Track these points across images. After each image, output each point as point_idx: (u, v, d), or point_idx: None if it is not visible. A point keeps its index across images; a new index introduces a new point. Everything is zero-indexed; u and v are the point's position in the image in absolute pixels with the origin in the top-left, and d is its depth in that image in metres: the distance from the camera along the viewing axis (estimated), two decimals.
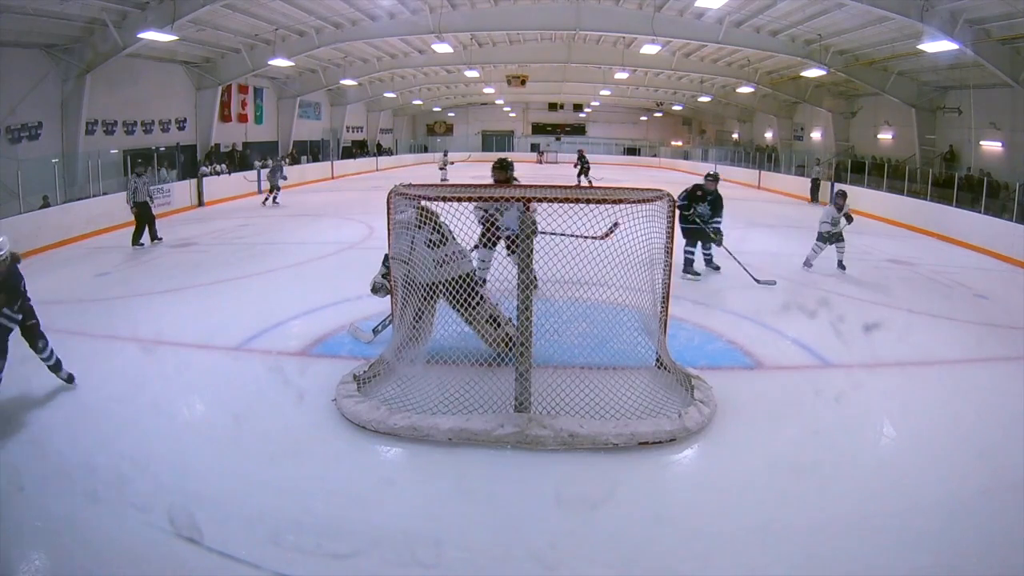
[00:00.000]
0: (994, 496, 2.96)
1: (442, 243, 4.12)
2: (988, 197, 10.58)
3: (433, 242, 4.08)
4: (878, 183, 14.20)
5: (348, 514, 2.79)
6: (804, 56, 14.19)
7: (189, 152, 15.37)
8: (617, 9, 13.44)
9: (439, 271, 4.04)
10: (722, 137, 28.49)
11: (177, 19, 10.58)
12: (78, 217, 9.69)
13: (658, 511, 2.88)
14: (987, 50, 10.80)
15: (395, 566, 2.46)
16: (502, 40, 17.84)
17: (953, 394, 4.24)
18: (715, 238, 7.03)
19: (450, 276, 4.05)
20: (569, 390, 3.59)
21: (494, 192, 4.23)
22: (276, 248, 8.99)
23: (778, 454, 3.33)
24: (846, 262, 7.60)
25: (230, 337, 4.84)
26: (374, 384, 3.91)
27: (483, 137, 33.78)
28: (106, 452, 3.02)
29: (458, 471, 3.14)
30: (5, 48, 10.03)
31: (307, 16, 13.41)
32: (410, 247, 4.03)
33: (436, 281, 4.03)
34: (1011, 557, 2.54)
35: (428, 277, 4.00)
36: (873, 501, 2.90)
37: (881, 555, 2.55)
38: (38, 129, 11.01)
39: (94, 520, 2.68)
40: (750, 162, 21.75)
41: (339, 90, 22.12)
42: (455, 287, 4.02)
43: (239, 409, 3.76)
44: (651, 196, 3.84)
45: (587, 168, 17.87)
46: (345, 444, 3.37)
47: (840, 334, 5.24)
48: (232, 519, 2.66)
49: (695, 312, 5.55)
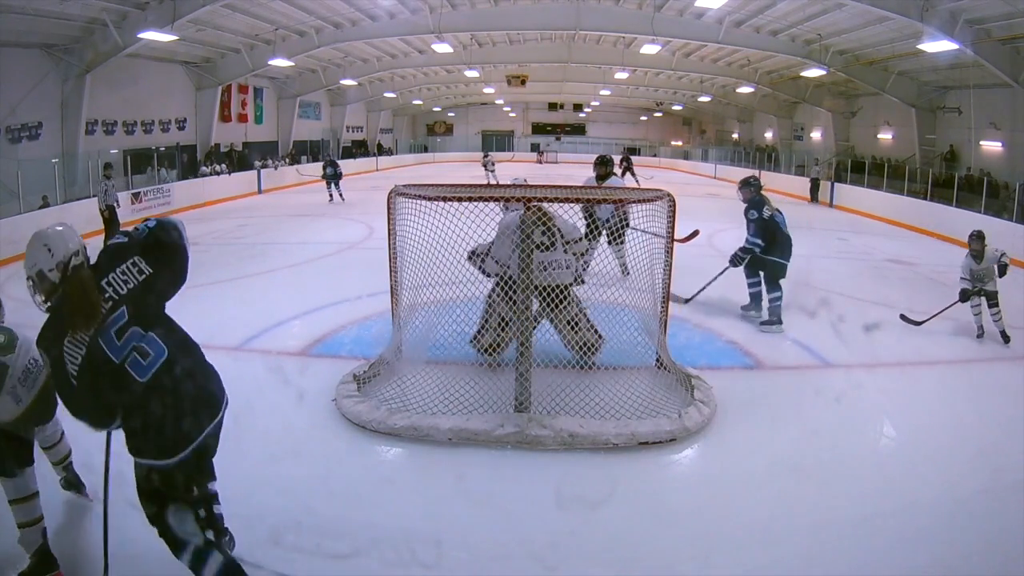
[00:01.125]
0: (994, 496, 2.96)
1: (551, 247, 3.96)
2: (988, 197, 10.58)
3: (543, 245, 3.90)
4: (878, 183, 14.20)
5: (348, 514, 2.79)
6: (804, 56, 14.20)
7: (189, 152, 15.39)
8: (617, 9, 13.44)
9: (541, 275, 3.84)
10: (722, 137, 28.50)
11: (177, 19, 10.59)
12: (78, 217, 9.66)
13: (658, 511, 2.88)
14: (987, 50, 10.80)
15: (395, 566, 2.46)
16: (502, 40, 17.84)
17: (953, 394, 4.24)
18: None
19: (548, 283, 3.89)
20: (569, 390, 3.60)
21: (494, 192, 4.23)
22: (276, 248, 8.99)
23: (778, 454, 3.32)
24: (1009, 332, 5.19)
25: (230, 337, 4.84)
26: (374, 384, 3.91)
27: (483, 137, 33.76)
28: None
29: (458, 471, 3.13)
30: (5, 48, 10.03)
31: (307, 16, 13.41)
32: (511, 251, 3.75)
33: (535, 285, 3.77)
34: (1011, 557, 2.54)
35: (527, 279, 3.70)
36: (873, 501, 2.89)
37: (881, 555, 2.55)
38: (38, 129, 11.01)
39: (94, 520, 2.68)
40: (750, 162, 21.76)
41: (339, 90, 22.12)
42: (548, 293, 3.91)
43: (239, 409, 3.73)
44: (651, 196, 3.85)
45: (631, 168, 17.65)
46: (345, 444, 3.37)
47: (840, 334, 5.24)
48: (232, 519, 2.65)
49: (695, 312, 5.55)
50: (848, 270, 7.57)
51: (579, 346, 4.00)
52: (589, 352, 3.96)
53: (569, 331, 4.06)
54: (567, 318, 4.05)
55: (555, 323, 4.10)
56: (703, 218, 12.11)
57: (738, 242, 5.47)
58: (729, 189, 19.48)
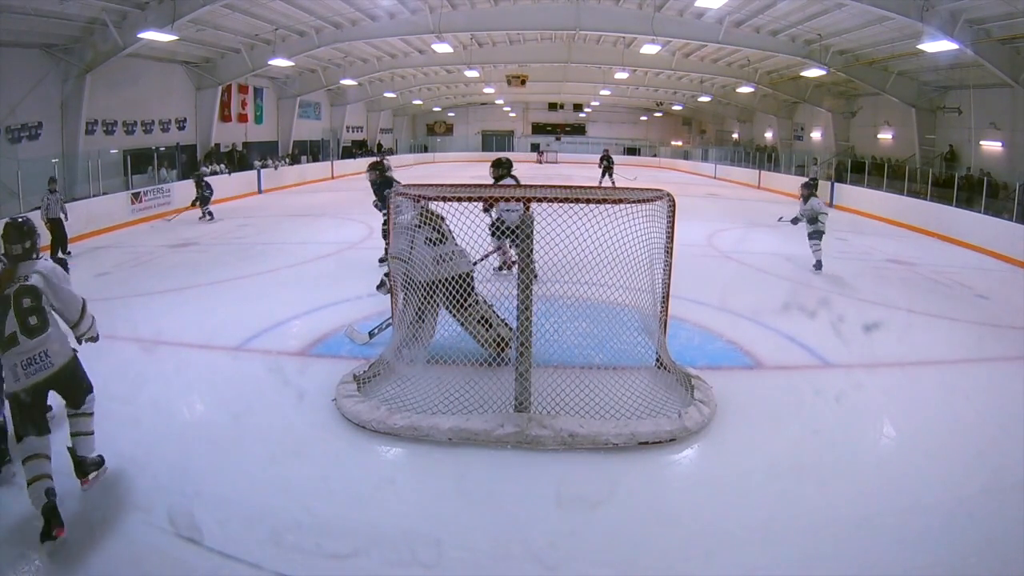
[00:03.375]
0: (994, 496, 2.96)
1: (441, 241, 4.13)
2: (988, 197, 10.58)
3: (432, 240, 4.10)
4: (878, 183, 14.20)
5: (348, 514, 2.79)
6: (804, 56, 14.19)
7: (189, 152, 15.39)
8: (617, 9, 13.44)
9: (437, 269, 4.05)
10: (722, 137, 28.48)
11: (177, 19, 10.57)
12: (78, 217, 9.68)
13: (658, 511, 2.88)
14: (987, 50, 10.79)
15: (395, 566, 2.46)
16: (502, 40, 17.84)
17: (953, 394, 4.23)
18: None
19: (447, 275, 4.06)
20: (569, 390, 3.59)
21: (494, 192, 4.23)
22: (276, 248, 8.99)
23: (778, 454, 3.33)
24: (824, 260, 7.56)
25: (230, 337, 4.84)
26: (374, 384, 3.91)
27: (483, 137, 33.79)
28: (106, 452, 3.02)
29: (458, 471, 3.14)
30: (5, 48, 10.02)
31: (307, 16, 13.41)
32: (410, 246, 4.04)
33: (434, 280, 4.03)
34: (1011, 557, 2.54)
35: (426, 275, 4.01)
36: (873, 501, 2.90)
37: (881, 555, 2.55)
38: (38, 129, 11.00)
39: (94, 520, 2.69)
40: (750, 162, 21.76)
41: (339, 90, 22.12)
42: (451, 286, 4.04)
43: (239, 409, 3.76)
44: (651, 196, 3.85)
45: (611, 168, 17.46)
46: (345, 444, 3.37)
47: (840, 334, 5.24)
48: (232, 519, 2.66)
49: (695, 312, 5.55)
50: (848, 270, 7.58)
51: (495, 343, 4.11)
52: (505, 347, 4.07)
53: (483, 328, 4.17)
54: (478, 316, 4.17)
55: (466, 323, 4.21)
56: (703, 218, 12.15)
57: (738, 242, 5.48)
58: (729, 189, 19.55)
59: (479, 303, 4.25)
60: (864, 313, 5.86)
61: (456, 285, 4.05)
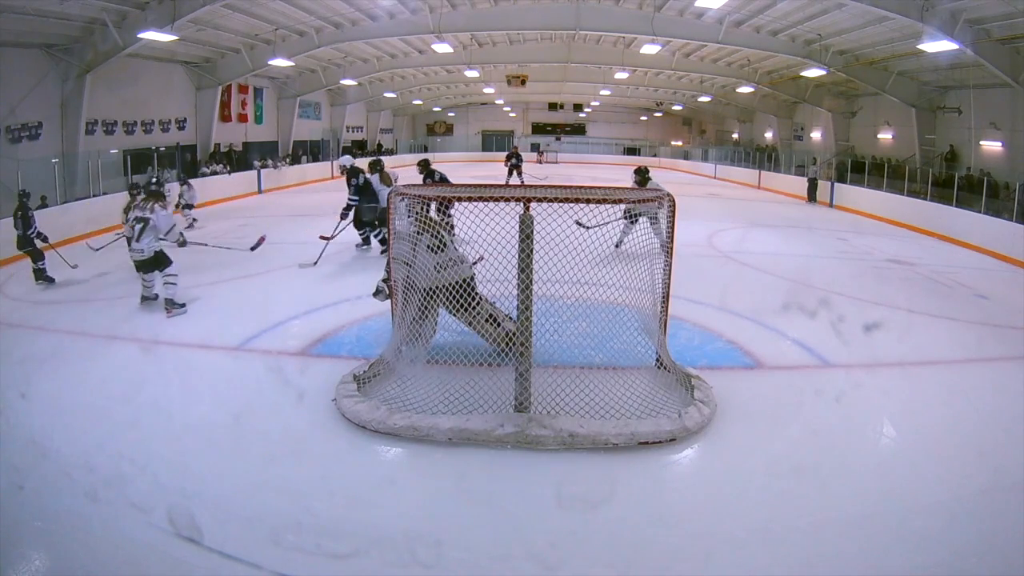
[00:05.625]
0: (994, 496, 2.96)
1: (441, 249, 4.14)
2: (988, 197, 10.58)
3: (433, 247, 4.11)
4: (878, 183, 14.20)
5: (348, 514, 2.79)
6: (804, 56, 14.19)
7: (189, 152, 15.39)
8: (617, 9, 13.44)
9: (439, 276, 4.06)
10: (722, 137, 28.48)
11: (177, 19, 10.57)
12: (78, 217, 9.68)
13: (658, 511, 2.88)
14: (987, 50, 10.79)
15: (395, 566, 2.46)
16: (502, 40, 17.83)
17: (953, 394, 4.23)
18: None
19: (448, 281, 4.07)
20: (569, 390, 3.59)
21: (494, 192, 4.23)
22: (276, 248, 8.98)
23: (778, 454, 3.33)
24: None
25: (230, 337, 4.84)
26: (374, 384, 3.92)
27: (483, 137, 33.77)
28: (106, 452, 3.02)
29: (458, 471, 3.14)
30: (5, 48, 10.02)
31: (307, 16, 13.40)
32: (412, 251, 4.05)
33: (435, 286, 4.04)
34: (1011, 557, 2.54)
35: (428, 282, 4.01)
36: (873, 501, 2.90)
37: (881, 555, 2.55)
38: (38, 129, 11.00)
39: (94, 520, 2.68)
40: (750, 162, 21.76)
41: (339, 90, 22.11)
42: (453, 292, 4.04)
43: (239, 409, 3.76)
44: (651, 196, 3.85)
45: (519, 166, 16.89)
46: (345, 444, 3.37)
47: (840, 334, 5.24)
48: (232, 519, 2.66)
49: (695, 312, 5.55)
50: (848, 270, 7.57)
51: (504, 338, 4.11)
52: (513, 343, 4.01)
53: (492, 327, 4.19)
54: (484, 315, 4.19)
55: (474, 324, 4.22)
56: (703, 218, 12.15)
57: (738, 242, 5.48)
58: (729, 189, 19.56)
59: (483, 303, 4.26)
60: (864, 313, 5.86)
61: (459, 290, 4.04)
